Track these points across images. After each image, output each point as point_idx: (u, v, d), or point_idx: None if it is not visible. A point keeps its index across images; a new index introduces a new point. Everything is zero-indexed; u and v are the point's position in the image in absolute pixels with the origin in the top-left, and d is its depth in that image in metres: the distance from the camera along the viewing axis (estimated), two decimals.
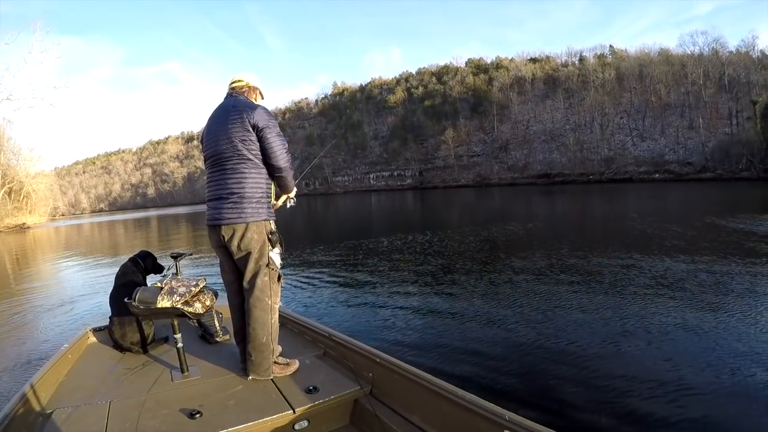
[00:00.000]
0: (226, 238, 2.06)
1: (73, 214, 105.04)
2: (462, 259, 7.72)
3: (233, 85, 2.23)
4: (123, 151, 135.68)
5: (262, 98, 2.31)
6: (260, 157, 2.07)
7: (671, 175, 47.35)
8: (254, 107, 2.06)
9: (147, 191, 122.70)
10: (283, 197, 2.36)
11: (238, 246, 2.05)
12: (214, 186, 2.09)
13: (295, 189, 2.33)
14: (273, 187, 2.22)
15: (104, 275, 8.43)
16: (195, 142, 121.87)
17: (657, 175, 48.11)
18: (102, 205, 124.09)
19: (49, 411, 1.81)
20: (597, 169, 54.70)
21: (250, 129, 2.01)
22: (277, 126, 2.09)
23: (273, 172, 2.12)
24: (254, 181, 2.05)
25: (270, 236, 2.09)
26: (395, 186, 77.01)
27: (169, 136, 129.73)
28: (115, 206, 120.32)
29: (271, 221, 2.13)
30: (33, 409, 1.79)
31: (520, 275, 6.10)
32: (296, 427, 1.81)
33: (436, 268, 7.10)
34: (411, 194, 52.48)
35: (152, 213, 55.99)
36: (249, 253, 2.06)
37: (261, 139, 2.04)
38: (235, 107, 2.07)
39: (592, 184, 48.72)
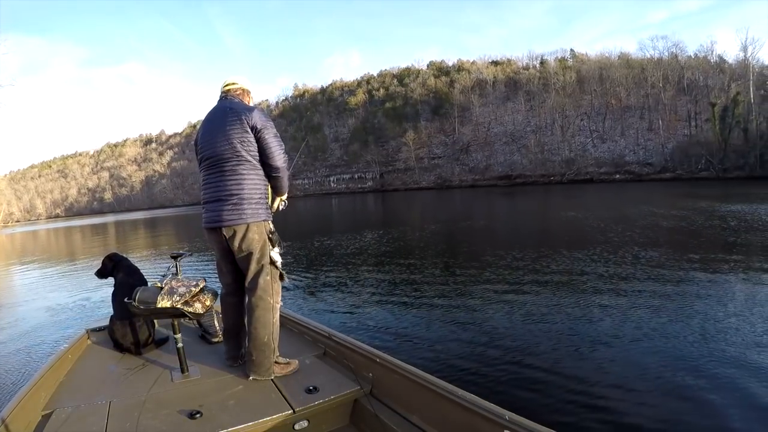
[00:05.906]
0: (226, 240, 2.07)
1: (29, 220, 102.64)
2: (427, 258, 7.70)
3: (227, 87, 2.22)
4: (80, 155, 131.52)
5: (252, 101, 2.29)
6: (258, 158, 2.08)
7: (631, 175, 47.65)
8: (251, 109, 2.08)
9: (104, 196, 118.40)
10: (278, 200, 2.27)
11: (240, 247, 2.06)
12: (212, 188, 2.09)
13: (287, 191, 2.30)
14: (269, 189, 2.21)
15: (77, 279, 8.65)
16: (153, 145, 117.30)
17: (617, 176, 48.43)
18: (58, 211, 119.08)
19: (49, 411, 1.81)
20: (558, 171, 54.23)
21: (249, 130, 2.03)
22: (273, 127, 2.10)
23: (270, 172, 2.12)
24: (253, 182, 2.06)
25: (270, 236, 2.11)
26: (356, 188, 75.41)
27: (127, 139, 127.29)
28: (72, 211, 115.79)
29: (269, 221, 2.14)
30: (33, 409, 1.79)
31: (514, 274, 6.03)
32: (296, 427, 1.82)
33: (400, 268, 7.08)
34: (372, 197, 51.89)
35: (110, 219, 54.21)
36: (251, 254, 2.07)
37: (259, 140, 2.05)
38: (233, 109, 2.07)
39: (554, 185, 48.22)
